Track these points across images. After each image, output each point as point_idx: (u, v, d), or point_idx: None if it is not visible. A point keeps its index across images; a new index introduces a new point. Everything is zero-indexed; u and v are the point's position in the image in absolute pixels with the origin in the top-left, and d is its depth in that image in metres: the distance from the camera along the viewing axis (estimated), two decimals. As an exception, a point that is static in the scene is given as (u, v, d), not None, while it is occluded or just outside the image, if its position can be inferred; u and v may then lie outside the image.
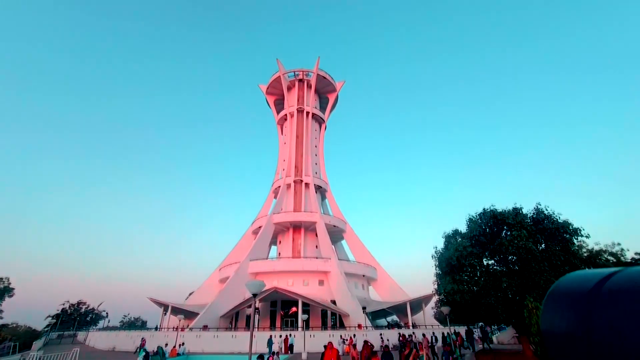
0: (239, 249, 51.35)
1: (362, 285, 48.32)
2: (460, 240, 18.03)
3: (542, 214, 18.38)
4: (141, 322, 65.78)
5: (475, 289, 16.63)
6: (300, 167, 57.37)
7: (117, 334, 34.98)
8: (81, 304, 61.69)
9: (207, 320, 35.70)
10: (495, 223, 18.07)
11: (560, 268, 15.83)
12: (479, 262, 17.86)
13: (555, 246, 17.04)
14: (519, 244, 15.71)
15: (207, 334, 30.99)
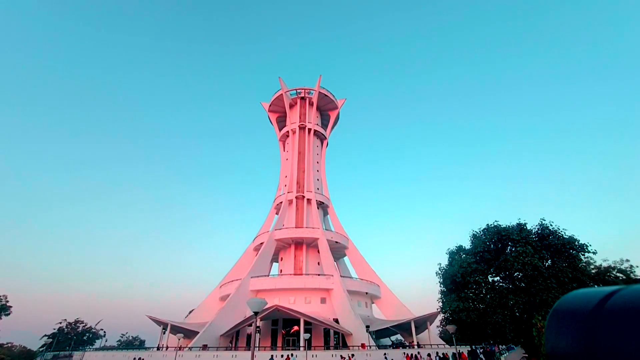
0: (240, 266, 50.70)
1: (365, 303, 47.29)
2: (465, 257, 17.78)
3: (547, 229, 18.19)
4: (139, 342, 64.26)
5: (481, 307, 16.25)
6: (302, 183, 57.47)
7: (114, 355, 34.16)
8: (78, 322, 60.51)
9: (206, 339, 34.82)
10: (500, 239, 17.88)
11: (567, 285, 15.52)
12: (484, 278, 17.53)
13: (561, 262, 16.77)
14: (525, 260, 15.48)
15: (206, 353, 30.19)
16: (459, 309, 16.16)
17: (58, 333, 57.24)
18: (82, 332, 59.90)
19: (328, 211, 59.51)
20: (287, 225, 52.70)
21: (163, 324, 41.01)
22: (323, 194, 59.62)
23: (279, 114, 69.47)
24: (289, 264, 50.50)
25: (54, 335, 56.73)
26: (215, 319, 37.93)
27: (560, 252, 17.30)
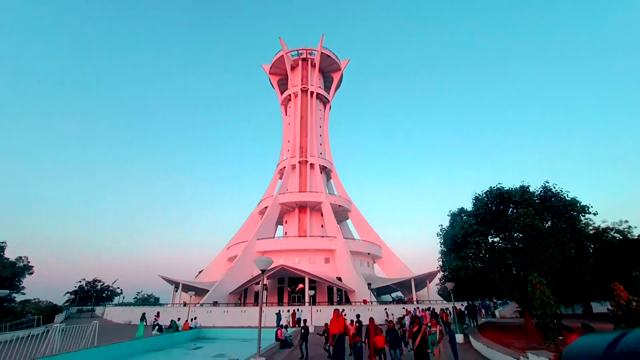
0: (246, 229, 52.25)
1: (367, 263, 49.21)
2: (466, 218, 18.08)
3: (550, 192, 18.25)
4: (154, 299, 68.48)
5: (479, 266, 16.83)
6: (305, 148, 57.14)
7: (132, 310, 36.53)
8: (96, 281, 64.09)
9: (216, 296, 36.95)
10: (502, 201, 18.03)
11: (565, 244, 15.89)
12: (484, 239, 17.97)
13: (561, 224, 17.02)
14: (525, 221, 15.71)
15: (217, 309, 32.18)
16: (458, 267, 16.76)
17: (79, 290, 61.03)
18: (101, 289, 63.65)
19: (331, 175, 59.79)
20: (291, 190, 53.33)
21: (175, 283, 43.32)
22: (326, 158, 59.46)
23: (280, 76, 67.19)
24: (293, 226, 51.90)
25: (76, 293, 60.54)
26: (224, 278, 39.93)
27: (561, 213, 17.49)
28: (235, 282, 39.14)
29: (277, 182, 57.40)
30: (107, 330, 24.05)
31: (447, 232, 18.64)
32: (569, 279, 15.95)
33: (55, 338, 14.52)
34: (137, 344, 15.51)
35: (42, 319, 27.27)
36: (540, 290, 10.70)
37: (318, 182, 52.95)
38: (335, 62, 65.26)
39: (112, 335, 19.79)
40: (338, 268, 42.53)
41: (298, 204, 51.41)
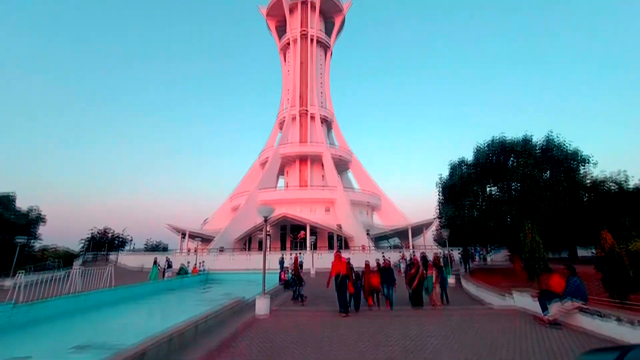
0: (248, 180, 53.02)
1: (367, 212, 50.80)
2: (465, 169, 18.21)
3: (552, 142, 18.10)
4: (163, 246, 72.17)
5: (475, 214, 17.36)
6: (305, 98, 55.38)
7: (144, 256, 38.78)
8: (107, 230, 67.16)
9: (222, 243, 38.89)
10: (503, 152, 17.97)
11: (561, 195, 16.19)
12: (482, 189, 18.29)
13: (560, 174, 17.16)
14: (525, 171, 15.83)
15: (223, 255, 34.11)
16: (454, 216, 17.31)
17: (91, 238, 64.28)
18: (112, 238, 66.87)
19: (332, 126, 58.85)
20: (292, 141, 52.93)
21: (181, 231, 45.25)
22: (327, 108, 57.95)
23: (278, 21, 62.44)
24: (294, 177, 52.57)
25: (88, 241, 63.86)
26: (229, 226, 41.60)
27: (560, 164, 17.54)
28: (239, 230, 40.85)
29: (277, 134, 56.76)
30: (122, 274, 25.80)
31: (446, 182, 18.92)
32: (560, 227, 16.57)
33: (77, 280, 15.71)
34: (152, 285, 16.77)
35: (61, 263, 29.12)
36: (531, 237, 11.20)
37: (319, 133, 52.33)
38: (336, 5, 60.26)
39: (127, 278, 21.26)
40: (338, 217, 44.03)
41: (299, 155, 51.43)
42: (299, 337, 6.20)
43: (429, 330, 6.52)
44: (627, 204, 22.49)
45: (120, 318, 11.34)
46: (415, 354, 5.09)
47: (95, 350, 7.33)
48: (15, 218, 27.17)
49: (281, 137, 53.30)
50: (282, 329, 6.90)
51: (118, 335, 8.43)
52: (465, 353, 5.10)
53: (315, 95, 55.16)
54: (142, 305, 13.54)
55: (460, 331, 6.46)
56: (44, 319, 10.34)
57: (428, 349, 5.30)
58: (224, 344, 5.85)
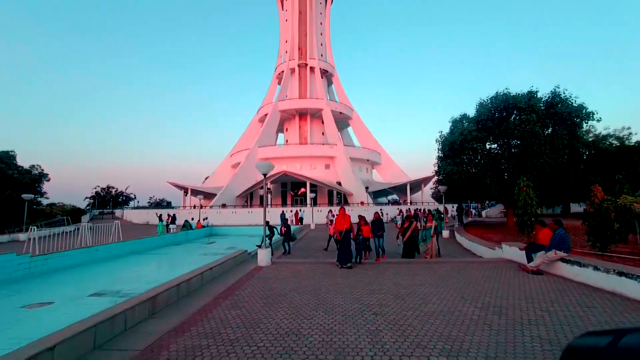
0: (247, 137, 52.53)
1: (367, 168, 51.11)
2: (467, 125, 17.97)
3: (558, 97, 17.62)
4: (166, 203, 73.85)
5: (473, 170, 17.52)
6: (304, 49, 52.60)
7: (148, 212, 39.93)
8: (110, 187, 68.33)
9: (224, 199, 39.79)
10: (506, 107, 17.59)
11: (560, 151, 16.17)
12: (482, 146, 18.24)
13: (562, 130, 16.96)
14: (526, 128, 15.65)
15: (226, 210, 35.09)
16: (452, 172, 17.49)
17: (96, 196, 65.65)
18: (116, 195, 68.24)
19: (332, 80, 56.72)
20: (291, 96, 51.44)
21: (184, 188, 46.01)
22: (327, 61, 55.31)
23: (273, -43, 56.92)
24: (294, 134, 52.00)
25: (93, 198, 65.28)
26: (230, 183, 42.20)
27: (564, 120, 17.26)
28: (240, 186, 41.51)
29: (275, 88, 54.94)
30: (128, 229, 26.81)
31: (446, 138, 18.80)
32: (556, 183, 16.81)
33: (87, 234, 16.43)
34: (159, 239, 17.53)
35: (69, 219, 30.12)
36: (525, 192, 11.45)
37: (319, 87, 50.61)
38: (338, -63, 54.36)
39: (133, 233, 22.12)
40: (338, 173, 44.42)
41: (298, 110, 50.31)
42: (297, 285, 6.68)
43: (419, 279, 6.99)
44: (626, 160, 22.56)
45: (132, 269, 12.04)
46: (406, 299, 5.53)
47: (111, 297, 7.93)
48: (18, 175, 27.48)
49: (280, 92, 51.65)
50: (282, 277, 7.40)
51: (131, 283, 9.04)
52: (452, 298, 5.54)
53: (315, 46, 52.33)
54: (150, 258, 14.31)
55: (449, 279, 6.94)
56: (61, 269, 11.03)
57: (418, 295, 5.74)
58: (228, 290, 6.33)
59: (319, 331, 4.16)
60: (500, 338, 3.85)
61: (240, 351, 3.62)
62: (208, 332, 4.22)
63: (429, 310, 4.90)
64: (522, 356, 3.40)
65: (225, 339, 3.95)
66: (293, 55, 52.43)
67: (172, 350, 3.67)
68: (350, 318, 4.65)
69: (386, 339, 3.87)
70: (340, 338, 3.93)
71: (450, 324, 4.34)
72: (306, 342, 3.82)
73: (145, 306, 4.81)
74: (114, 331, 4.10)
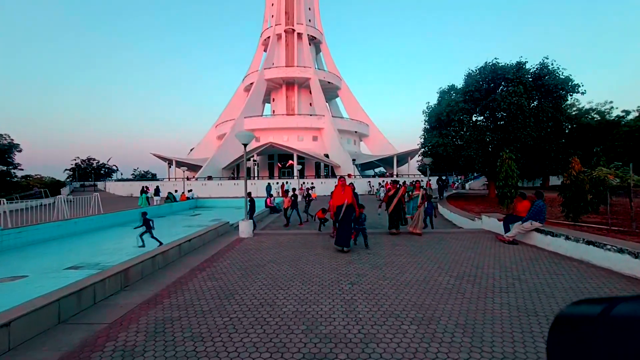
0: (232, 107, 50.87)
1: (354, 140, 50.79)
2: (454, 96, 17.75)
3: (546, 69, 17.48)
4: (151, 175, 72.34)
5: (458, 143, 17.57)
6: (291, 13, 49.88)
7: (132, 184, 39.02)
8: (91, 159, 65.96)
9: (210, 171, 39.13)
10: (494, 78, 17.36)
11: (544, 124, 16.29)
12: (469, 118, 18.17)
13: (547, 103, 16.99)
14: (512, 99, 15.57)
15: (211, 182, 34.62)
16: (437, 144, 17.49)
17: (76, 168, 63.42)
18: (97, 167, 66.12)
19: (321, 48, 54.56)
20: (277, 64, 49.44)
21: (168, 160, 44.88)
22: (315, 27, 52.84)
23: None
24: (281, 104, 50.63)
25: (73, 170, 63.10)
26: (216, 154, 41.34)
27: (549, 92, 17.24)
28: (226, 158, 40.76)
29: (261, 55, 52.56)
30: (111, 201, 26.23)
31: (433, 110, 18.61)
32: (537, 155, 17.10)
33: (64, 207, 15.93)
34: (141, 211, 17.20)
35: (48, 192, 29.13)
36: (508, 164, 11.58)
37: (306, 55, 48.69)
38: None
39: (116, 205, 21.65)
40: (326, 145, 44.03)
41: (285, 80, 48.65)
42: (277, 255, 6.67)
43: (399, 250, 7.08)
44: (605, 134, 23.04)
45: (112, 242, 11.83)
46: (383, 269, 5.58)
47: (89, 270, 7.77)
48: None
49: (266, 59, 49.49)
50: (263, 248, 7.37)
51: (110, 256, 8.88)
52: (429, 267, 5.64)
53: (303, 10, 49.71)
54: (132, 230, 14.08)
55: (428, 249, 7.05)
56: (37, 242, 10.73)
57: (396, 265, 5.81)
58: (206, 262, 6.26)
59: (294, 301, 4.16)
60: (471, 306, 3.93)
61: (212, 322, 3.57)
62: (181, 304, 4.15)
63: (405, 280, 4.96)
64: (491, 322, 3.48)
65: (197, 311, 3.90)
66: (279, 20, 49.76)
67: (142, 323, 3.60)
68: (326, 288, 4.66)
69: (360, 309, 3.89)
70: (315, 308, 3.93)
71: (425, 293, 4.41)
72: (279, 313, 3.80)
73: (117, 278, 4.68)
74: (82, 305, 3.97)
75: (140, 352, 3.00)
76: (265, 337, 3.22)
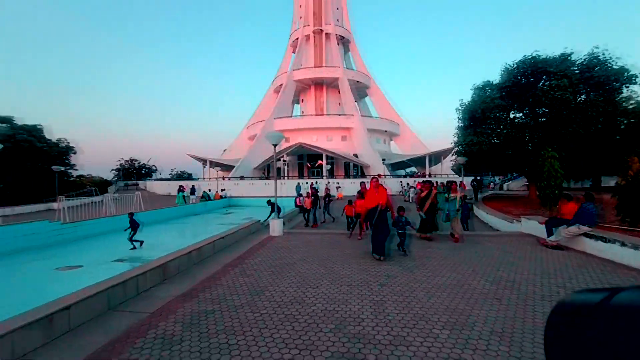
0: (263, 108, 52.08)
1: (384, 140, 49.99)
2: (490, 92, 16.85)
3: (596, 59, 16.02)
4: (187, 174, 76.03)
5: (495, 141, 16.66)
6: (319, 14, 50.13)
7: (170, 183, 41.28)
8: (134, 160, 70.77)
9: (242, 171, 40.37)
10: (534, 72, 16.23)
11: (593, 120, 14.97)
12: (506, 115, 17.17)
13: (598, 97, 15.57)
14: (555, 94, 14.46)
15: (243, 182, 35.68)
16: (472, 142, 16.67)
17: (121, 168, 68.42)
18: (139, 167, 70.72)
19: (350, 47, 54.31)
20: (306, 65, 49.92)
21: (203, 160, 46.90)
22: (344, 26, 52.66)
23: None
24: (310, 105, 51.04)
25: (118, 170, 68.12)
26: (247, 155, 42.57)
27: (601, 85, 15.77)
28: (257, 158, 41.82)
29: (290, 56, 53.36)
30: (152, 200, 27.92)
31: (467, 107, 17.78)
32: (585, 154, 15.75)
33: (110, 204, 17.26)
34: (179, 209, 18.16)
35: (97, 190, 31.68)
36: (550, 163, 10.80)
37: (335, 54, 48.69)
38: None
39: (156, 203, 22.98)
40: (355, 145, 43.76)
41: (314, 80, 48.97)
42: (306, 254, 6.74)
43: (430, 252, 6.87)
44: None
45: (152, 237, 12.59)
46: (414, 271, 5.45)
47: (132, 262, 8.37)
48: (47, 147, 28.76)
49: (295, 60, 50.14)
50: (292, 247, 7.48)
51: (150, 251, 9.47)
52: (462, 271, 5.41)
53: (331, 10, 49.74)
54: (170, 227, 14.90)
55: (461, 252, 6.77)
56: (89, 236, 11.72)
57: (427, 267, 5.65)
58: (238, 259, 6.48)
59: (323, 300, 4.18)
60: (509, 313, 3.72)
61: (244, 317, 3.69)
62: (215, 298, 4.33)
63: (436, 283, 4.81)
64: (531, 332, 3.28)
65: (230, 305, 4.05)
66: (308, 21, 50.17)
67: (179, 314, 3.80)
68: (355, 288, 4.64)
69: (389, 310, 3.83)
70: (343, 307, 3.93)
71: (458, 297, 4.24)
72: (309, 311, 3.85)
73: (156, 272, 4.99)
74: (127, 294, 4.28)
75: (177, 341, 3.18)
76: (294, 334, 3.27)
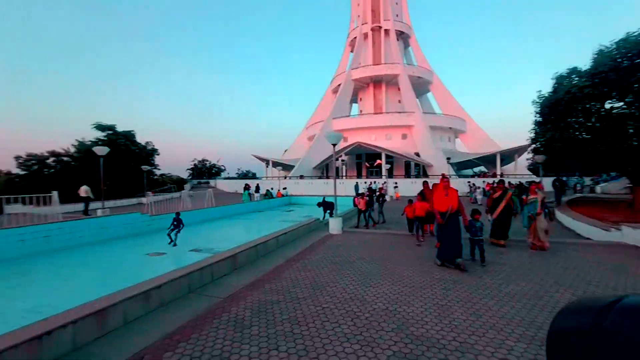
0: (322, 109, 53.03)
1: (449, 137, 47.02)
2: (577, 80, 14.66)
3: None
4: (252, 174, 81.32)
5: (583, 136, 14.49)
6: (377, 11, 49.18)
7: (236, 182, 44.63)
8: (205, 160, 78.33)
9: (302, 171, 41.68)
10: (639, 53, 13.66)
11: None
12: (600, 105, 14.77)
13: None
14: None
15: (303, 181, 36.81)
16: (553, 139, 14.75)
17: (194, 168, 76.30)
18: (210, 167, 77.92)
19: (409, 42, 52.23)
20: (364, 63, 49.41)
21: (265, 160, 49.62)
22: (403, 20, 50.85)
23: None
24: (368, 103, 50.44)
25: (192, 169, 76.10)
26: (306, 155, 43.80)
27: None
28: (316, 158, 42.79)
29: (348, 56, 53.36)
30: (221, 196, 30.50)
31: (547, 99, 15.73)
32: None
33: (187, 200, 19.36)
34: (245, 206, 19.56)
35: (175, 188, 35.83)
36: (661, 161, 9.02)
37: (394, 51, 47.30)
38: None
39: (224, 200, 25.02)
40: (416, 143, 42.02)
41: (372, 78, 48.24)
42: (366, 253, 6.72)
43: (502, 258, 6.30)
44: None
45: (222, 231, 13.78)
46: (483, 277, 5.07)
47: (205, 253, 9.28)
48: (138, 150, 33.41)
49: (353, 59, 49.99)
50: (351, 246, 7.52)
51: (220, 243, 10.38)
52: (542, 281, 4.85)
53: (389, 6, 48.45)
54: (237, 221, 16.12)
55: (539, 259, 6.08)
56: (169, 228, 13.33)
57: (498, 274, 5.21)
58: (299, 254, 6.75)
59: (384, 299, 4.15)
60: (601, 331, 3.24)
61: (307, 309, 3.86)
62: (279, 289, 4.60)
63: (510, 292, 4.40)
64: (631, 355, 2.81)
65: (293, 297, 4.26)
66: (366, 19, 49.59)
67: (248, 302, 4.13)
68: (417, 290, 4.50)
69: (455, 316, 3.64)
70: (405, 309, 3.85)
71: (537, 308, 3.83)
72: (369, 309, 3.85)
73: (228, 262, 5.48)
74: (203, 280, 4.79)
75: (247, 325, 3.46)
76: (355, 330, 3.32)
